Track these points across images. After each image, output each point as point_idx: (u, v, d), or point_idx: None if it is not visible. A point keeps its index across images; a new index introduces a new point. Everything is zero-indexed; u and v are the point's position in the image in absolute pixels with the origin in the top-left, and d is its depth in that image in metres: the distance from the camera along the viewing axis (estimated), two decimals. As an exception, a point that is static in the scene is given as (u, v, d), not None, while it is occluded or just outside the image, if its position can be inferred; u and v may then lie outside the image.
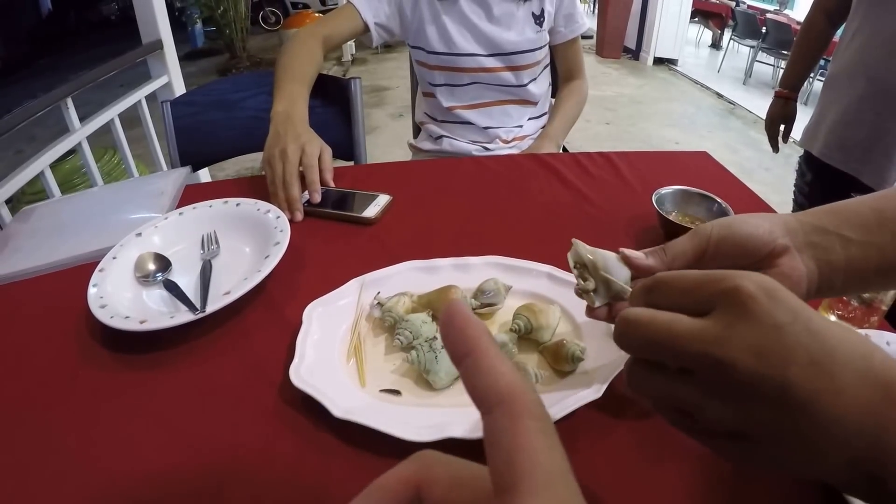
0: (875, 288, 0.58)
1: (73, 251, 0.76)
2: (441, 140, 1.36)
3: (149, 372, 0.57)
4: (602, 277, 0.45)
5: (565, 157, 1.05)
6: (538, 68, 1.32)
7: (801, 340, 0.28)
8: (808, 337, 0.28)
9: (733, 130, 4.75)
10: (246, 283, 0.65)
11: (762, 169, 3.91)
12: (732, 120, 5.02)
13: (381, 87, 5.50)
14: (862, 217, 0.43)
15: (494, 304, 0.61)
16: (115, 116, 1.88)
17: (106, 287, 0.66)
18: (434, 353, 0.52)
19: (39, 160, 1.57)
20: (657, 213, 0.79)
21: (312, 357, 0.56)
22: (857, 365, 0.28)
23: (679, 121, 4.95)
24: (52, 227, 0.87)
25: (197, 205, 0.81)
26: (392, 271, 0.67)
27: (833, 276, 0.43)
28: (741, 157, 4.14)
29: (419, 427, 0.47)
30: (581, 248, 0.46)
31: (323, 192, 0.88)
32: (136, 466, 0.48)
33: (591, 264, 0.45)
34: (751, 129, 4.72)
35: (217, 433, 0.51)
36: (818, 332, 0.29)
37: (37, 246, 0.81)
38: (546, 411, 0.21)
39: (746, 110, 5.17)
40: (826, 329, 0.29)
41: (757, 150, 4.21)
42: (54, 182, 1.63)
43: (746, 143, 4.40)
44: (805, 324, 0.29)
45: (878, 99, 1.15)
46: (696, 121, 4.98)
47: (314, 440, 0.49)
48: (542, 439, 0.20)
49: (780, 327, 0.29)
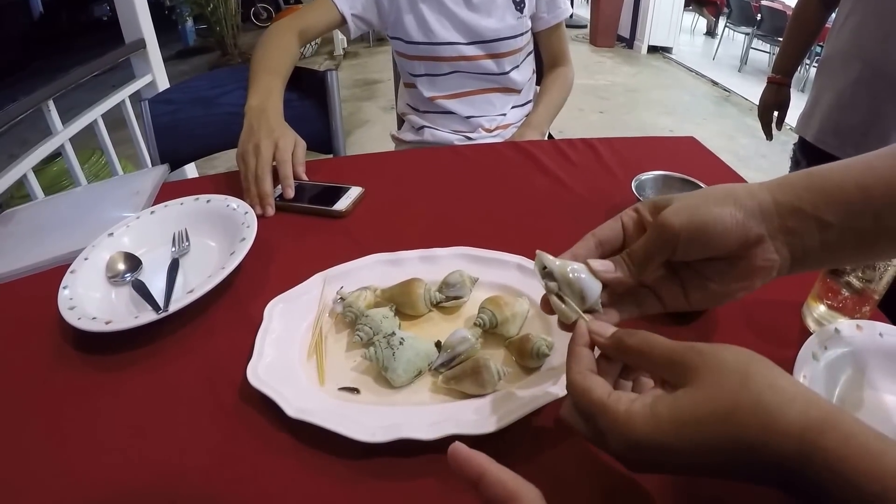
0: (846, 265, 0.56)
1: (49, 254, 0.75)
2: (423, 131, 1.33)
3: (116, 373, 0.56)
4: (577, 290, 0.41)
5: (546, 145, 1.02)
6: (520, 55, 1.29)
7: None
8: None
9: (729, 118, 4.71)
10: (210, 280, 0.63)
11: (758, 156, 3.87)
12: (728, 107, 4.98)
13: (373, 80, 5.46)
14: (845, 196, 0.38)
15: (460, 296, 0.59)
16: (99, 117, 1.85)
17: (77, 288, 0.65)
18: (392, 350, 0.50)
19: (22, 163, 1.55)
20: (637, 200, 0.77)
21: (272, 355, 0.54)
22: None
23: (674, 109, 4.91)
24: (30, 230, 0.86)
25: (168, 203, 0.80)
26: (357, 265, 0.65)
27: (805, 258, 0.40)
28: (737, 144, 4.10)
29: (374, 427, 0.45)
30: (548, 261, 0.42)
31: (295, 186, 0.86)
32: (98, 467, 0.47)
33: (562, 278, 0.41)
34: (747, 116, 4.67)
35: (177, 433, 0.50)
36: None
37: (13, 248, 0.80)
38: (543, 501, 0.30)
39: (742, 98, 5.12)
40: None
41: (753, 137, 4.17)
42: (37, 185, 1.61)
43: (742, 131, 4.36)
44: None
45: (873, 82, 1.12)
46: (691, 109, 4.94)
47: (271, 440, 0.49)
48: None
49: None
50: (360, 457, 0.46)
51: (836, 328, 0.54)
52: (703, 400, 0.32)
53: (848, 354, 0.52)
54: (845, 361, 0.52)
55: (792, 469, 0.30)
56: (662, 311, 0.44)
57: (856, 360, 0.52)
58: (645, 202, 0.43)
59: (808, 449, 0.29)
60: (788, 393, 0.31)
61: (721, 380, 0.32)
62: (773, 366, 0.33)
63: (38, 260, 0.74)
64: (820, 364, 0.51)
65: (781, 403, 0.30)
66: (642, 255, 0.41)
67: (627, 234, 0.43)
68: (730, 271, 0.41)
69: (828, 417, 0.30)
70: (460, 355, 0.51)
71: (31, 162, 1.57)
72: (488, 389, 0.49)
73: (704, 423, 0.32)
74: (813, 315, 0.60)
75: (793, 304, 0.62)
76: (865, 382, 0.51)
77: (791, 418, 0.30)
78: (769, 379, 0.32)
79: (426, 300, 0.59)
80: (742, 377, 0.32)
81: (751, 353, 0.34)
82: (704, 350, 0.34)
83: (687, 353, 0.34)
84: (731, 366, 0.33)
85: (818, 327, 0.57)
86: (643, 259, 0.41)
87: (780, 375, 0.32)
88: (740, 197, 0.39)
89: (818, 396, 0.31)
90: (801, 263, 0.41)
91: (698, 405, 0.32)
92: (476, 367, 0.49)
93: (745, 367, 0.33)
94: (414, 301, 0.58)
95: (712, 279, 0.42)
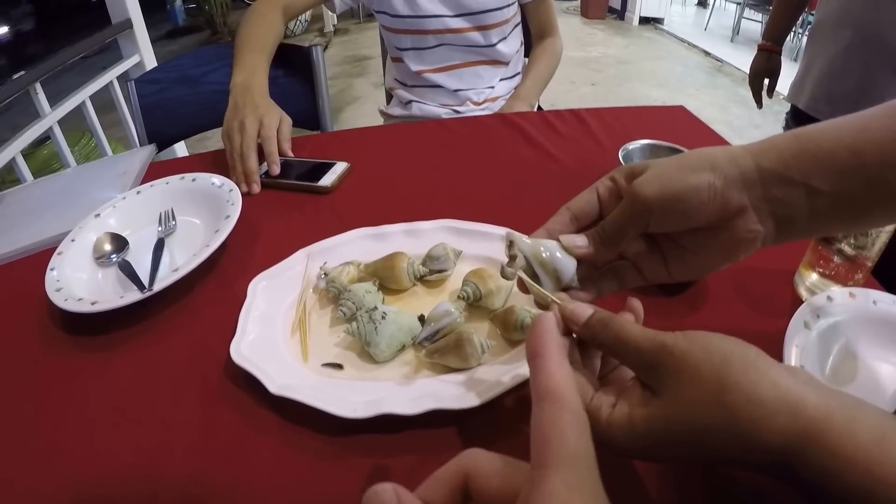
0: (835, 234, 0.53)
1: (37, 236, 0.74)
2: (411, 105, 1.31)
3: (104, 353, 0.56)
4: (551, 270, 0.39)
5: (533, 116, 1.00)
6: (507, 27, 1.26)
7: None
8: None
9: (721, 88, 4.65)
10: (194, 258, 0.63)
11: (752, 126, 3.83)
12: (720, 78, 4.91)
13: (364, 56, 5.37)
14: (837, 162, 0.34)
15: (444, 269, 0.58)
16: (87, 99, 1.81)
17: (64, 270, 0.64)
18: (374, 325, 0.49)
19: (10, 147, 1.52)
20: (623, 170, 0.75)
21: (255, 332, 0.53)
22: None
23: (666, 80, 4.85)
24: (18, 213, 0.85)
25: (154, 182, 0.79)
26: (340, 240, 0.63)
27: (792, 228, 0.37)
28: (730, 115, 4.06)
29: (356, 403, 0.44)
30: (518, 240, 0.39)
31: (280, 163, 0.85)
32: (84, 448, 0.47)
33: (534, 258, 0.39)
34: (739, 86, 4.61)
35: (162, 412, 0.49)
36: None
37: (2, 232, 0.78)
38: (582, 409, 0.27)
39: (734, 68, 5.04)
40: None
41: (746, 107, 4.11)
42: (27, 168, 1.59)
43: (735, 101, 4.31)
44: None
45: (865, 48, 1.09)
46: (683, 80, 4.87)
47: (255, 417, 0.48)
48: (573, 428, 0.26)
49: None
50: (344, 433, 0.45)
51: (829, 296, 0.52)
52: (676, 418, 0.30)
53: (841, 323, 0.50)
54: (838, 330, 0.50)
55: (778, 475, 0.29)
56: (644, 283, 0.41)
57: (849, 328, 0.50)
58: (621, 169, 0.40)
59: (790, 460, 0.28)
60: (769, 407, 0.28)
61: (695, 394, 0.30)
62: (756, 365, 0.30)
63: (26, 243, 0.73)
64: (812, 333, 0.49)
65: (760, 420, 0.28)
66: (614, 230, 0.38)
67: (604, 204, 0.40)
68: (710, 243, 0.38)
69: (811, 429, 0.27)
70: (444, 329, 0.50)
71: (19, 145, 1.55)
72: (472, 363, 0.48)
73: (680, 441, 0.30)
74: (805, 283, 0.58)
75: (784, 273, 0.61)
76: (859, 351, 0.49)
77: (769, 438, 0.28)
78: (747, 391, 0.29)
79: (410, 274, 0.57)
80: (717, 390, 0.29)
81: (730, 350, 0.31)
82: (677, 351, 0.31)
83: (659, 356, 0.32)
84: (705, 374, 0.30)
85: (810, 296, 0.55)
86: (615, 233, 0.38)
87: (761, 381, 0.29)
88: (720, 163, 0.36)
89: (805, 399, 0.28)
90: (787, 233, 0.37)
91: (671, 424, 0.30)
92: (459, 340, 0.47)
93: (721, 376, 0.29)
94: (397, 275, 0.57)
95: (693, 251, 0.39)
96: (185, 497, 0.42)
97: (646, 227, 0.37)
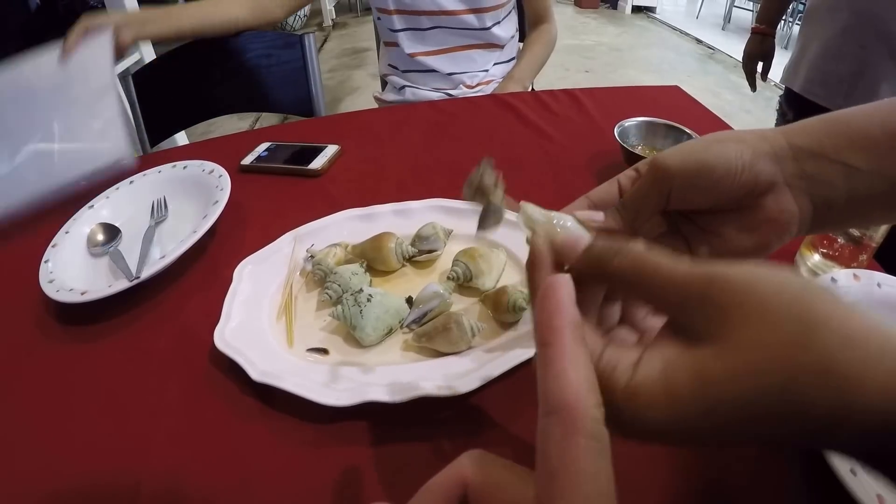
0: (874, 223, 0.48)
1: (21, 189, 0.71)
2: (404, 90, 1.26)
3: (96, 342, 0.54)
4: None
5: (527, 97, 0.96)
6: (502, 11, 1.21)
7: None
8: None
9: (713, 75, 4.58)
10: (181, 245, 0.60)
11: (743, 111, 3.76)
12: (712, 65, 4.84)
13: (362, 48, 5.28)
14: (871, 139, 0.30)
15: (434, 249, 0.54)
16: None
17: (59, 261, 0.63)
18: (359, 308, 0.45)
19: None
20: (620, 146, 0.71)
21: (240, 318, 0.50)
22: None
23: (659, 67, 4.77)
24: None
25: (147, 171, 0.76)
26: (328, 221, 0.59)
27: (829, 213, 0.32)
28: (722, 100, 3.99)
29: (340, 390, 0.41)
30: (532, 211, 0.34)
31: (270, 147, 0.82)
32: (73, 437, 0.45)
33: (547, 229, 0.35)
34: (731, 73, 4.54)
35: (149, 400, 0.47)
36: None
37: None
38: (604, 431, 0.20)
39: (726, 55, 4.97)
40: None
41: (738, 93, 4.06)
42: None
43: (727, 87, 4.24)
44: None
45: (861, 30, 1.04)
46: (675, 66, 4.79)
47: (239, 404, 0.45)
48: (590, 461, 0.19)
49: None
50: (329, 420, 0.42)
51: (833, 278, 0.48)
52: (745, 367, 0.20)
53: None
54: None
55: (878, 443, 0.20)
56: None
57: None
58: (645, 161, 0.35)
59: None
60: (873, 346, 0.19)
61: (770, 334, 0.20)
62: (842, 301, 0.21)
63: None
64: None
65: (864, 364, 0.19)
66: (632, 200, 0.33)
67: (624, 194, 0.35)
68: (738, 224, 0.32)
69: None
70: (432, 311, 0.46)
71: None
72: (462, 346, 0.44)
73: (750, 400, 0.20)
74: (807, 264, 0.55)
75: (785, 253, 0.57)
76: None
77: (873, 390, 0.19)
78: (843, 330, 0.20)
79: (398, 254, 0.54)
80: (802, 329, 0.20)
81: (804, 282, 0.22)
82: (736, 281, 0.22)
83: (710, 287, 0.22)
84: (782, 310, 0.21)
85: (812, 277, 0.52)
86: (633, 204, 0.33)
87: (852, 315, 0.20)
88: (748, 138, 0.31)
89: None
90: (824, 218, 0.32)
91: (738, 376, 0.20)
92: (447, 323, 0.44)
93: (804, 311, 0.20)
94: (385, 256, 0.53)
95: (718, 234, 0.33)
96: (169, 485, 0.40)
97: (667, 199, 0.32)
